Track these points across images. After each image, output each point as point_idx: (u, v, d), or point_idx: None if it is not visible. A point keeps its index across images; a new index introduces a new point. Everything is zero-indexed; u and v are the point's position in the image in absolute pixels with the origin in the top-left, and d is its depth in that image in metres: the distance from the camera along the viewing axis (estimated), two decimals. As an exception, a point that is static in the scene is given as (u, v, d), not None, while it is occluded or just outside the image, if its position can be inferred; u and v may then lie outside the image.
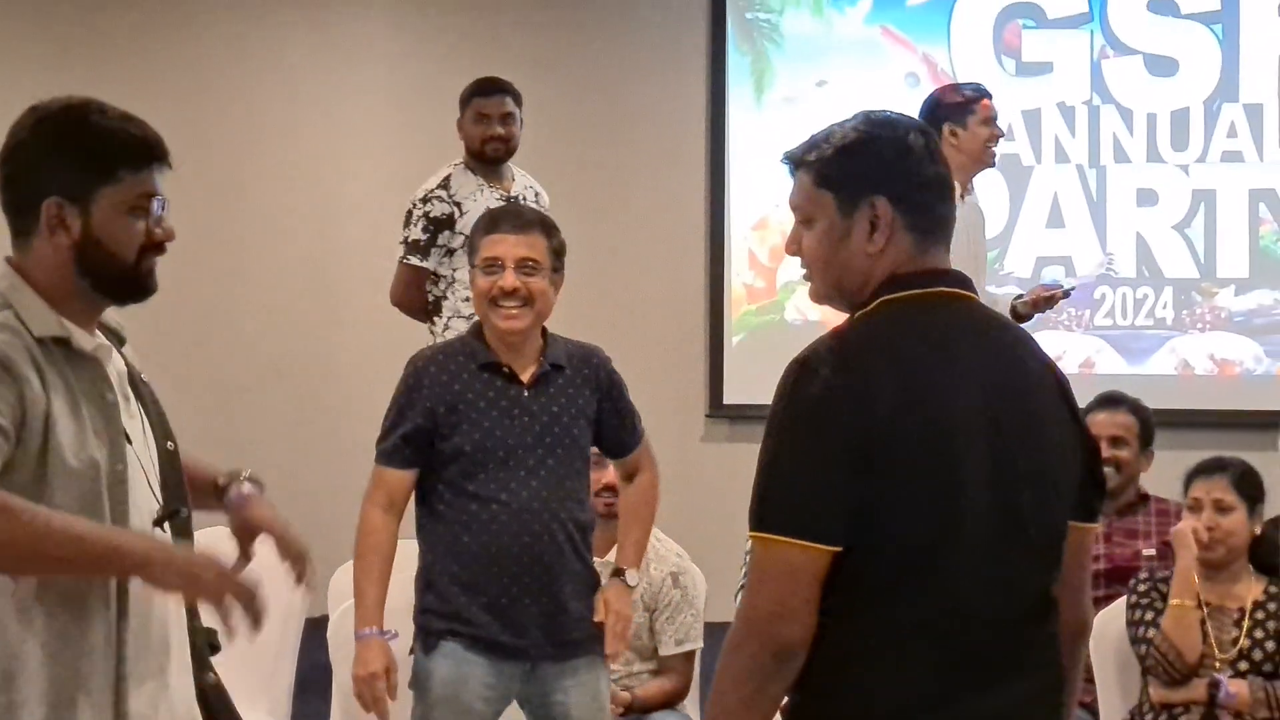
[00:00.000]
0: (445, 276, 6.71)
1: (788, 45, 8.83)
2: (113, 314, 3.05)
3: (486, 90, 6.86)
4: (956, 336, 2.74)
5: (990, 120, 6.30)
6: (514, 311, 4.34)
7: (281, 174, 9.10)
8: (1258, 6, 8.48)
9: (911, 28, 8.77)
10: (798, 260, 2.84)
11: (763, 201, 8.83)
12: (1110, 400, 5.71)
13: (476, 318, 4.47)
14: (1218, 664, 4.76)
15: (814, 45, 8.80)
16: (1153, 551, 5.43)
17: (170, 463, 3.07)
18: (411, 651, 4.43)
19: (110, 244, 2.88)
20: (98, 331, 2.99)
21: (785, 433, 2.66)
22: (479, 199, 6.66)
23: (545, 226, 4.44)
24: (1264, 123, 8.46)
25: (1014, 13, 8.71)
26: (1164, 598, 4.86)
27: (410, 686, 4.38)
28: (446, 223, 6.66)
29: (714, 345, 8.96)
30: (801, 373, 2.67)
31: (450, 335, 6.46)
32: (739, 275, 8.91)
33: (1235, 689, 4.71)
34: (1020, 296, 6.74)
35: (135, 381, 3.05)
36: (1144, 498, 5.63)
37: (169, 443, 3.08)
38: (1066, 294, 6.79)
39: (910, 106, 8.58)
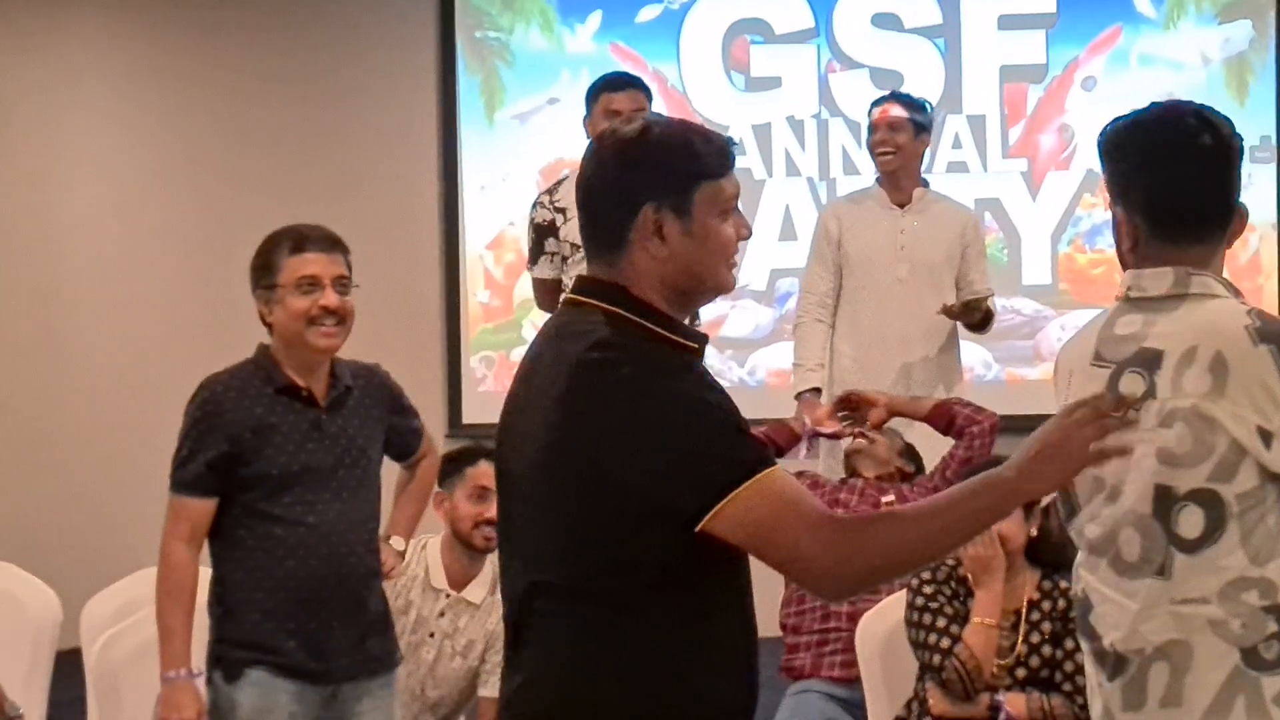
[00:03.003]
0: (567, 287, 6.29)
1: (518, 63, 8.81)
2: None
3: (617, 85, 6.29)
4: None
5: (872, 127, 6.60)
6: (333, 329, 4.29)
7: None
8: (977, 20, 8.68)
9: (641, 44, 8.80)
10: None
11: (498, 219, 8.80)
12: None
13: None
14: (996, 671, 4.77)
15: (545, 63, 8.80)
16: (891, 498, 5.53)
17: None
18: (209, 681, 4.27)
19: None
20: None
21: None
22: None
23: (345, 248, 4.39)
24: (986, 133, 8.67)
25: (741, 28, 8.79)
26: (950, 601, 4.86)
27: (210, 716, 4.23)
28: (549, 230, 6.19)
29: (451, 365, 8.90)
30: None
31: None
32: (475, 294, 8.87)
33: (1014, 708, 4.73)
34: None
35: None
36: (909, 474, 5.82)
37: None
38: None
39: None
